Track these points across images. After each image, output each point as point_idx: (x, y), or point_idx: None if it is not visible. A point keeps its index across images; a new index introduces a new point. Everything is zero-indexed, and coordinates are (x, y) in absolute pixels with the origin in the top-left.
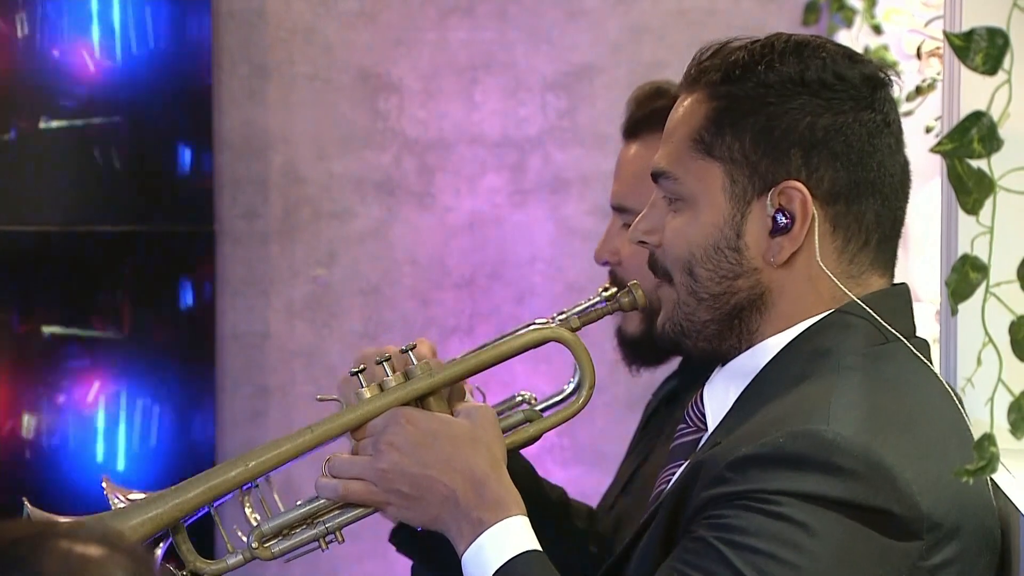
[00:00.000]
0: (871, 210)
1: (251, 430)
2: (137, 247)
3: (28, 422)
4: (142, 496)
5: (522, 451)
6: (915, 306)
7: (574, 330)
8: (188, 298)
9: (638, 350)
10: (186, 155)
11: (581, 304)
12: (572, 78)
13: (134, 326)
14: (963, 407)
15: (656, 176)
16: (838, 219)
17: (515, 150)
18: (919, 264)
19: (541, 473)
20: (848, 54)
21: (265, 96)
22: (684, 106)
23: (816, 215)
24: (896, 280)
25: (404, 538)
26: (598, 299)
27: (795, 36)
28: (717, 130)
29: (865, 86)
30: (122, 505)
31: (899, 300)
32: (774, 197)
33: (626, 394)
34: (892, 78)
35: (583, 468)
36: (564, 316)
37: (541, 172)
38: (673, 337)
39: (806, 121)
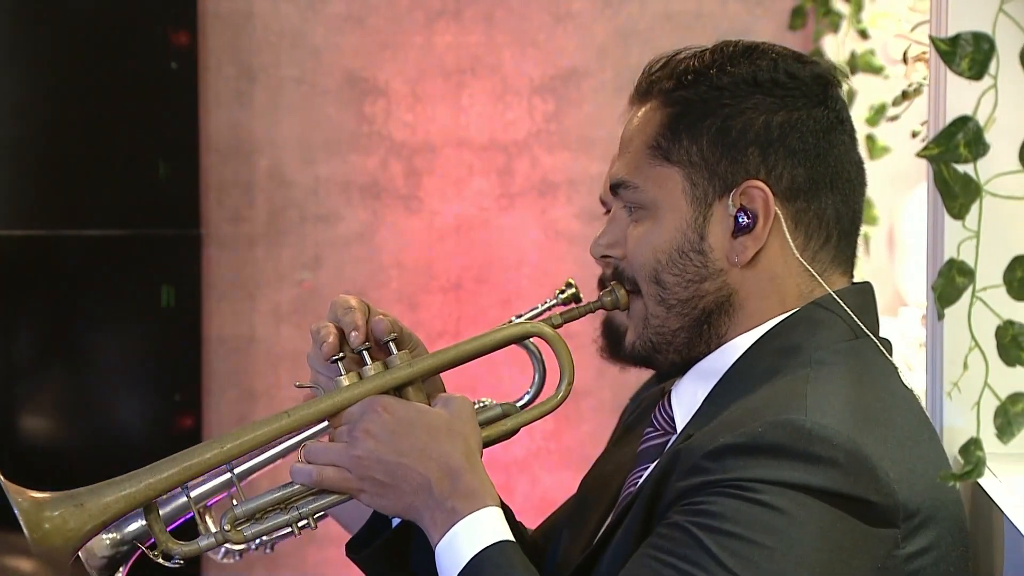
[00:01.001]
0: (831, 206)
1: None
2: (123, 251)
3: (29, 424)
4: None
5: (509, 454)
6: (902, 310)
7: (555, 327)
8: (174, 301)
9: (622, 347)
10: (172, 158)
11: (537, 307)
12: (559, 82)
13: (120, 330)
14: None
15: (615, 187)
16: (799, 216)
17: (502, 153)
18: (906, 268)
19: (528, 477)
20: (796, 56)
21: (251, 99)
22: (638, 116)
23: (779, 213)
24: (874, 283)
25: (361, 556)
26: (553, 301)
27: (743, 41)
28: (673, 135)
29: (816, 84)
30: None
31: (866, 298)
32: (735, 197)
33: (612, 398)
34: (840, 79)
35: (570, 472)
36: (534, 313)
37: (528, 175)
38: (644, 354)
39: (761, 119)
